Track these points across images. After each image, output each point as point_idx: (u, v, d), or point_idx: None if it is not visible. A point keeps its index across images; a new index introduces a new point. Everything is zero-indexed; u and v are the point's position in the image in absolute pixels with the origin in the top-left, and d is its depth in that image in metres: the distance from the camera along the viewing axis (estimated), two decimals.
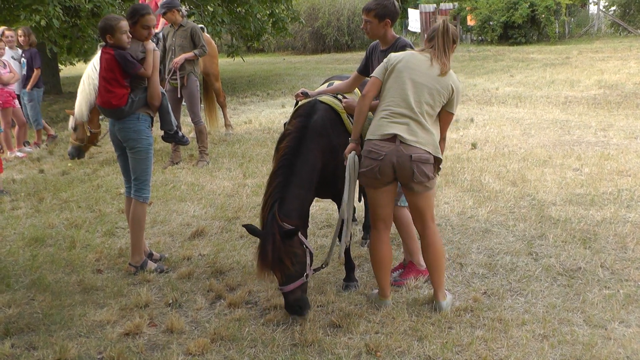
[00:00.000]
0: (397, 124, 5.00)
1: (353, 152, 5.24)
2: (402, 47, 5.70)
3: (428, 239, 5.27)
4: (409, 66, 5.11)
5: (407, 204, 5.43)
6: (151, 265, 6.31)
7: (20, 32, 12.85)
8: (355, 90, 6.17)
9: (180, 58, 10.02)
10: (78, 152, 10.89)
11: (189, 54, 10.07)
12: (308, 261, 5.11)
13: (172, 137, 6.70)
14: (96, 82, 10.16)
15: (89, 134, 10.75)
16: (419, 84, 5.05)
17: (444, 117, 5.22)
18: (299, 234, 5.02)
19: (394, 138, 4.98)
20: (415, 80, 5.05)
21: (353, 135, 5.32)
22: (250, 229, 5.05)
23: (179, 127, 6.83)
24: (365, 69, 6.03)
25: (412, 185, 5.05)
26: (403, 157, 4.94)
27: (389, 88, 5.13)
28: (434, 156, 5.04)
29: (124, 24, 5.94)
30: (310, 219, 6.01)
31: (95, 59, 10.58)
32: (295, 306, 5.04)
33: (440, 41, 5.14)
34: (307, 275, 5.12)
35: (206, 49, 10.34)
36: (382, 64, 5.27)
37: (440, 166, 5.24)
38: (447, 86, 5.09)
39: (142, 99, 6.13)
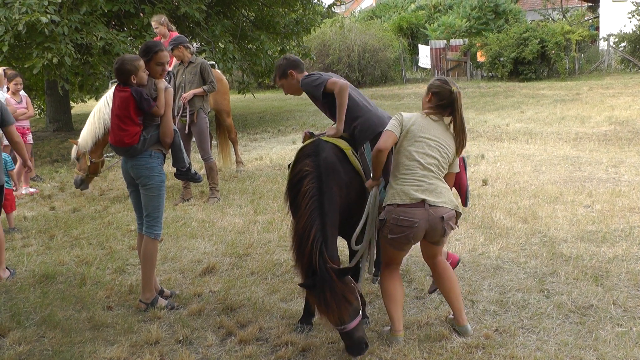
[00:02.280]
0: (423, 189, 5.11)
1: (374, 189, 5.35)
2: (315, 82, 5.93)
3: (440, 269, 5.46)
4: (422, 129, 5.23)
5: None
6: (162, 302, 6.30)
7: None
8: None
9: (189, 94, 10.10)
10: (81, 183, 10.91)
11: (198, 90, 10.14)
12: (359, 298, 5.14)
13: (185, 174, 6.73)
14: (106, 117, 10.24)
15: (89, 163, 10.75)
16: (432, 146, 5.21)
17: (449, 178, 5.45)
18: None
19: (422, 202, 5.08)
20: (429, 143, 5.21)
21: (375, 175, 5.40)
22: (305, 285, 5.03)
23: (190, 164, 6.86)
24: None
25: (439, 240, 5.28)
26: (435, 219, 5.09)
27: (405, 151, 5.22)
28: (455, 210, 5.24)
29: (143, 62, 6.03)
30: None
31: (109, 94, 10.67)
32: (362, 344, 4.95)
33: (459, 119, 5.31)
34: (363, 313, 5.28)
35: (215, 85, 10.40)
36: (394, 120, 5.34)
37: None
38: (453, 145, 5.33)
39: (154, 136, 6.18)
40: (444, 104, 5.28)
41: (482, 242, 7.78)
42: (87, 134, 10.61)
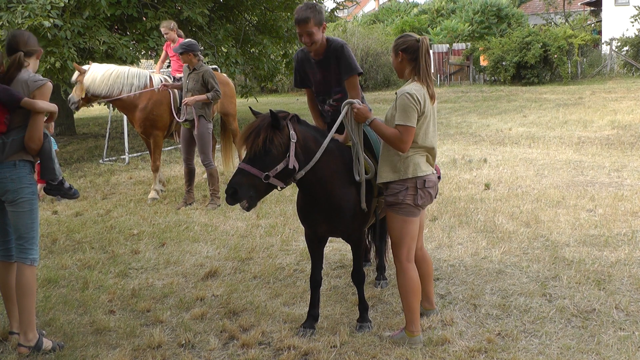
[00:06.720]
0: (434, 159, 5.42)
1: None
2: (339, 46, 5.70)
3: (424, 252, 5.83)
4: (429, 106, 5.20)
5: None
6: (47, 343, 5.45)
7: None
8: None
9: (191, 99, 10.00)
10: (73, 103, 10.86)
11: (201, 97, 10.03)
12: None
13: (56, 189, 5.65)
14: (118, 83, 10.83)
15: (83, 95, 10.72)
16: (435, 121, 5.37)
17: None
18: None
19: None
20: (433, 120, 5.34)
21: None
22: None
23: (63, 178, 5.77)
24: (303, 83, 6.12)
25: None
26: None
27: (422, 134, 5.22)
28: None
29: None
30: (324, 260, 6.06)
31: (134, 70, 11.25)
32: None
33: (423, 63, 5.19)
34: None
35: (220, 94, 10.30)
36: (413, 109, 5.06)
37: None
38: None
39: (17, 141, 5.22)
40: (417, 56, 5.17)
41: (485, 246, 7.78)
42: (97, 78, 10.65)
